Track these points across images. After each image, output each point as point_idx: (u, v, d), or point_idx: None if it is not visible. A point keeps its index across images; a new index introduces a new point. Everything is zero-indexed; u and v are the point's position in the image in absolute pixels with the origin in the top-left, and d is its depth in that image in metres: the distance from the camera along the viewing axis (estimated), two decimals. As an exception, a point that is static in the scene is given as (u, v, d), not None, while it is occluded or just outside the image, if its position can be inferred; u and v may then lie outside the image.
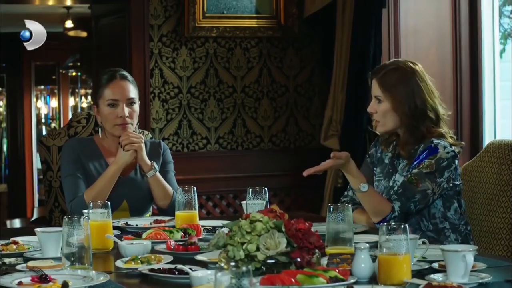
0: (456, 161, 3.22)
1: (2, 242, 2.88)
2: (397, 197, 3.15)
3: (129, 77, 3.64)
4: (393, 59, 3.42)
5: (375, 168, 3.43)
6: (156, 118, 5.48)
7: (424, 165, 3.16)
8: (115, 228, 3.13)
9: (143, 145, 3.55)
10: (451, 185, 3.21)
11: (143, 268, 2.47)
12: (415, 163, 3.19)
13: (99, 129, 3.69)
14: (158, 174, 3.58)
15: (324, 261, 2.42)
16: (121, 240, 2.85)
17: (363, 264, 2.34)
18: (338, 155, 3.15)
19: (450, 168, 3.18)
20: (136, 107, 3.61)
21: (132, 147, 3.52)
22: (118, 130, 3.57)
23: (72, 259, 2.48)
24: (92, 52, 6.62)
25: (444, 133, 3.24)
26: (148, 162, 3.56)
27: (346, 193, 3.47)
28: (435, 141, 3.20)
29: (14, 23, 6.10)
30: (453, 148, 3.21)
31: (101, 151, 3.65)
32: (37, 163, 11.47)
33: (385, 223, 2.32)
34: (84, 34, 9.22)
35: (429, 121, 3.24)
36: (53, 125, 13.22)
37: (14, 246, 2.84)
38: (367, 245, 2.36)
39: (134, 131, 3.61)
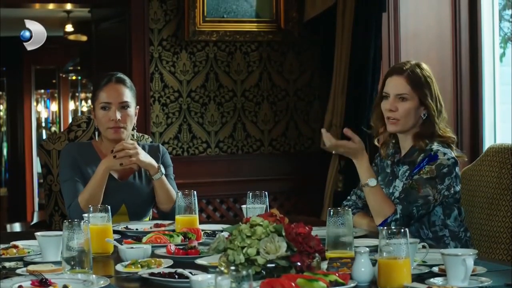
0: (457, 168, 3.21)
1: (2, 246, 2.88)
2: (399, 201, 3.16)
3: (127, 81, 3.62)
4: (406, 60, 3.40)
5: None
6: (156, 122, 5.47)
7: (425, 171, 3.16)
8: (115, 232, 3.12)
9: (139, 150, 3.52)
10: (452, 192, 3.21)
11: (143, 272, 2.47)
12: (416, 170, 3.19)
13: (97, 133, 3.69)
14: (163, 177, 3.56)
15: (324, 265, 2.42)
16: (121, 244, 2.85)
17: (363, 268, 2.33)
18: (352, 135, 3.17)
19: (451, 175, 3.18)
20: (130, 111, 3.58)
21: (131, 162, 3.49)
22: (110, 134, 3.56)
23: (72, 263, 2.48)
24: (92, 56, 6.62)
25: (452, 140, 3.25)
26: (155, 164, 3.55)
27: (349, 197, 3.48)
28: (435, 148, 3.20)
29: (15, 27, 6.10)
30: (453, 154, 3.21)
31: (98, 155, 3.63)
32: (37, 167, 11.47)
33: (385, 227, 2.32)
34: (84, 38, 9.21)
35: (444, 121, 3.27)
36: (53, 129, 13.22)
37: (14, 250, 2.84)
38: (367, 249, 2.36)
39: (132, 136, 3.62)
